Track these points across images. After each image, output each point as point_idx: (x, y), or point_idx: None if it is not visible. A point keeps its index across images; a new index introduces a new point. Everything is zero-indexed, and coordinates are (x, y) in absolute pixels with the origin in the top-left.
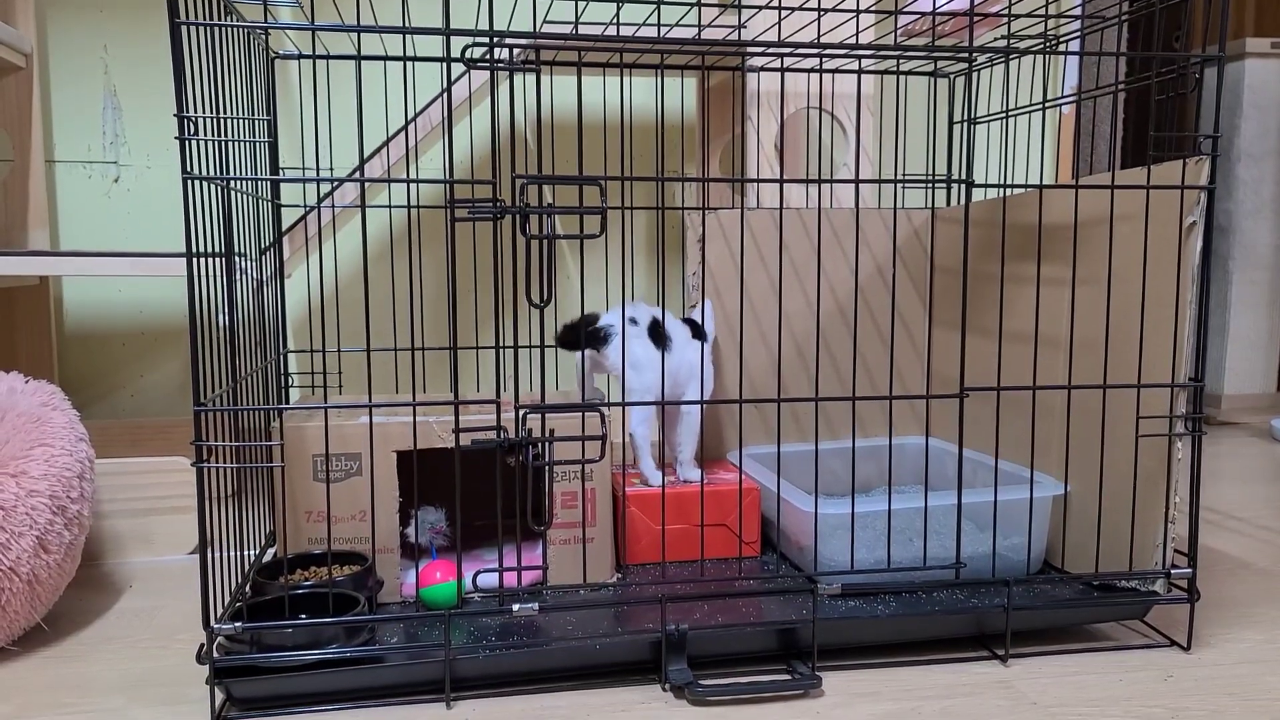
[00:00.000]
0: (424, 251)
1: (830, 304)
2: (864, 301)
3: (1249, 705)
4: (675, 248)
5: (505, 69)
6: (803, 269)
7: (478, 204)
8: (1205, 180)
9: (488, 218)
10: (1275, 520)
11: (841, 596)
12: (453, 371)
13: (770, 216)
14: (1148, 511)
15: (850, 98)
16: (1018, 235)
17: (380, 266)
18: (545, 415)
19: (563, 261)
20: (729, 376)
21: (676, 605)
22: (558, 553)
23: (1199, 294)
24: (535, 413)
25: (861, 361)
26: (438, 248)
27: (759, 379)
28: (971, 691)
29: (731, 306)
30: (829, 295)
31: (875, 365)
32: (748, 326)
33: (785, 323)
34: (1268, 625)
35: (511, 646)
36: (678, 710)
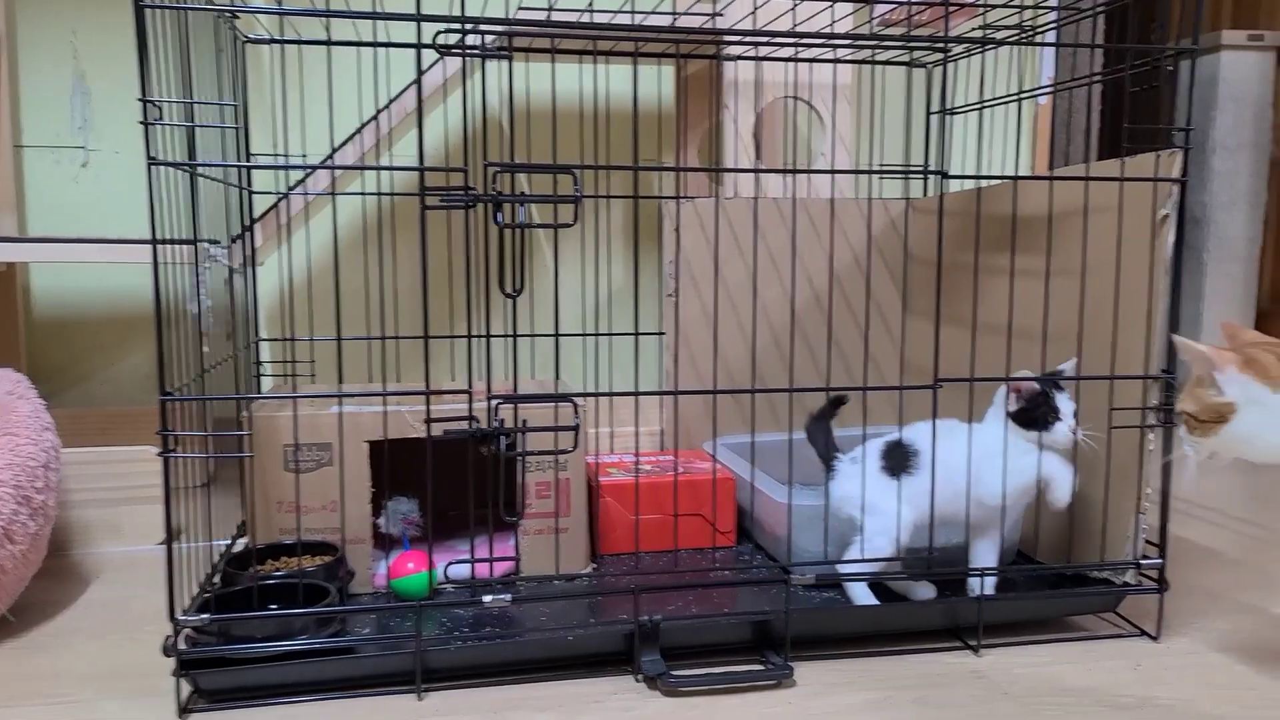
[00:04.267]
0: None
1: (807, 294)
2: (841, 291)
3: (1220, 693)
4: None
5: (478, 56)
6: (780, 259)
7: (449, 192)
8: (1178, 173)
9: (459, 206)
10: (1244, 509)
11: (815, 587)
12: (425, 361)
13: (747, 206)
14: (1120, 502)
15: (827, 87)
16: (993, 226)
17: (355, 254)
18: (518, 406)
19: (539, 250)
20: (704, 366)
21: (651, 596)
22: (532, 543)
23: (1171, 286)
24: (508, 403)
25: (838, 351)
26: (413, 236)
27: (736, 369)
28: (944, 682)
29: (709, 296)
30: (806, 285)
31: (852, 355)
32: (725, 316)
33: (762, 312)
34: (1236, 614)
35: (484, 637)
36: (651, 701)
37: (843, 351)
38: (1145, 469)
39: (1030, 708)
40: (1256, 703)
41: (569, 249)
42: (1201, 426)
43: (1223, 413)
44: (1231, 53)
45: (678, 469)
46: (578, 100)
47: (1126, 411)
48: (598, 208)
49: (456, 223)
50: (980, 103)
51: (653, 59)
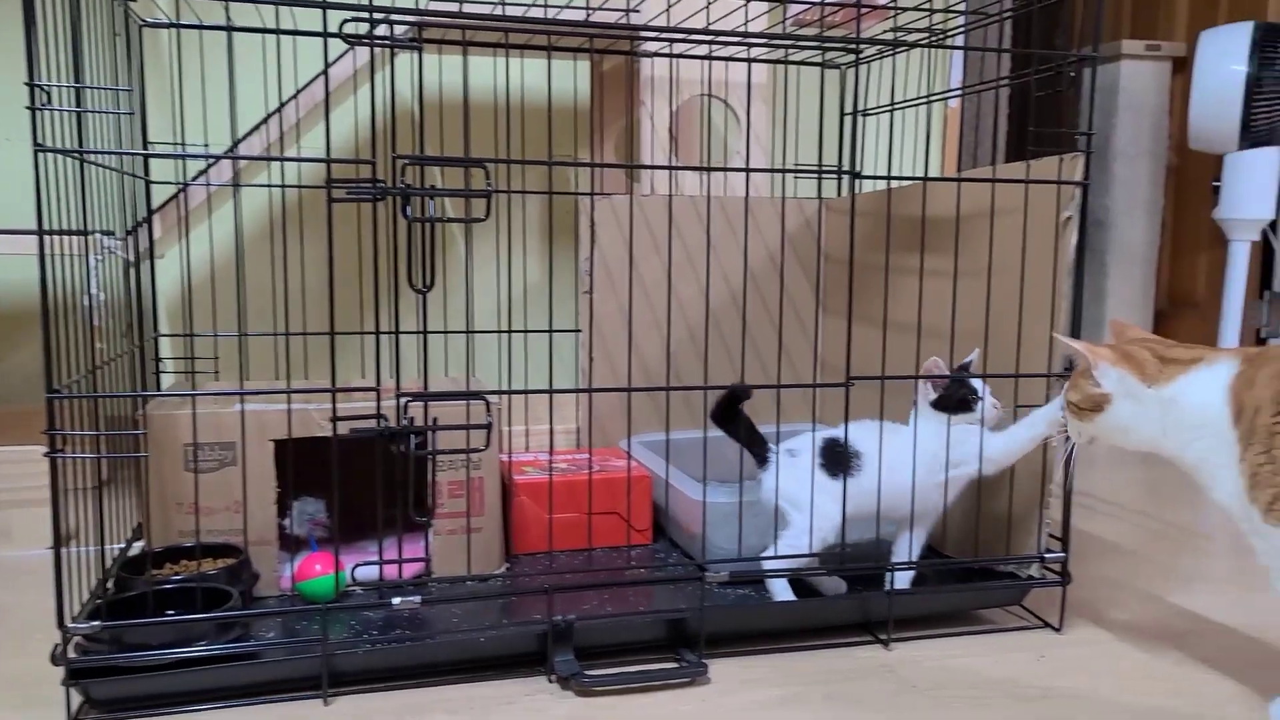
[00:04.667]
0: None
1: (723, 291)
2: (757, 289)
3: (1117, 682)
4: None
5: (386, 47)
6: (697, 256)
7: (357, 185)
8: (1080, 176)
9: (367, 199)
10: (1146, 504)
11: (730, 584)
12: (331, 358)
13: (664, 203)
14: (1025, 498)
15: (743, 86)
16: (904, 226)
17: (262, 248)
18: (428, 404)
19: (454, 245)
20: (620, 363)
21: (566, 595)
22: (444, 543)
23: (1074, 286)
24: (417, 401)
25: (754, 349)
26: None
27: (653, 366)
28: (855, 676)
29: (625, 293)
30: (722, 283)
31: (768, 352)
32: (641, 314)
33: (679, 310)
34: (1135, 604)
35: (393, 640)
36: (564, 701)
37: (759, 349)
38: (1049, 465)
39: (938, 700)
40: (1153, 690)
41: (485, 244)
42: (1082, 414)
43: (1099, 403)
44: (1131, 62)
45: (593, 467)
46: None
47: (1031, 409)
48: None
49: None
50: (891, 105)
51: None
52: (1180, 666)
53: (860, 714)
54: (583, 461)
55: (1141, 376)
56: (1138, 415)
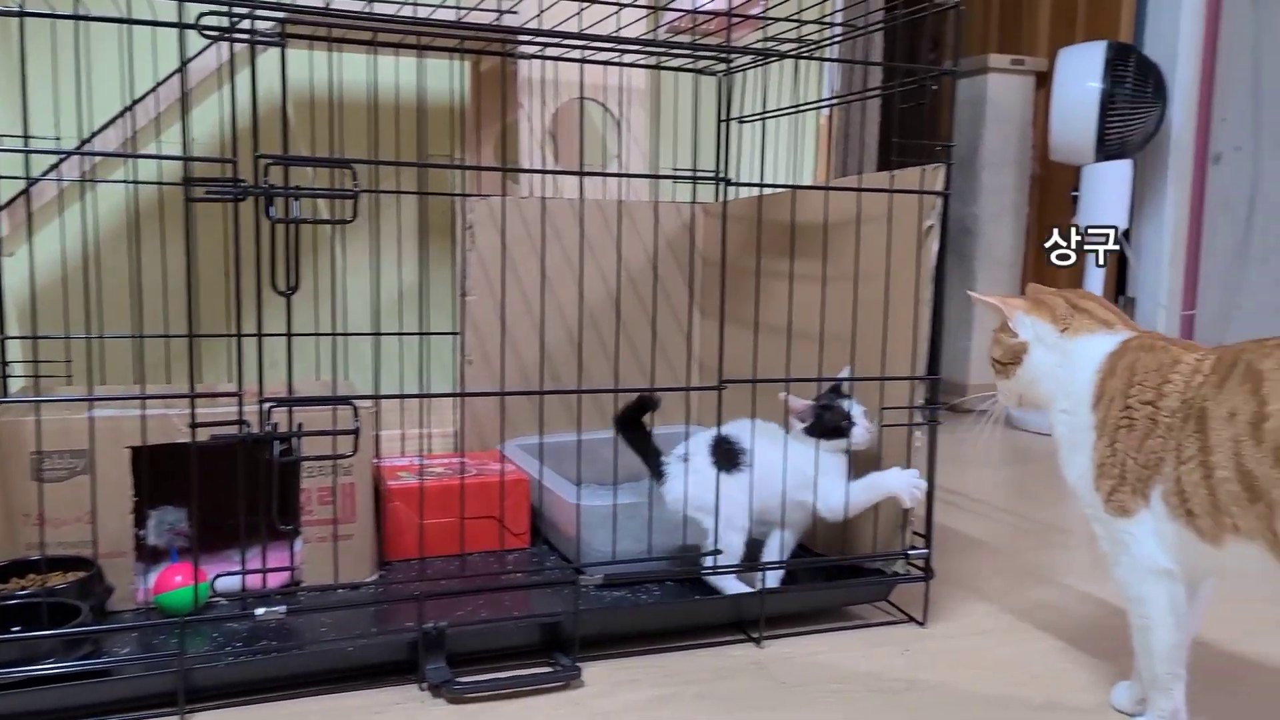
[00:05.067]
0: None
1: (602, 294)
2: (635, 292)
3: (976, 673)
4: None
5: (246, 41)
6: (576, 258)
7: (217, 183)
8: (941, 186)
9: (227, 198)
10: (1008, 501)
11: (605, 587)
12: (190, 362)
13: (542, 205)
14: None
15: (622, 90)
16: (777, 232)
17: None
18: (292, 409)
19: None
20: (499, 366)
21: (440, 602)
22: (314, 551)
23: (935, 293)
24: (281, 406)
25: (632, 351)
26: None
27: (533, 368)
28: (727, 675)
29: (504, 295)
30: (600, 285)
31: (646, 354)
32: (520, 316)
33: (558, 312)
34: (996, 598)
35: (258, 652)
36: (434, 709)
37: (637, 351)
38: (913, 465)
39: (806, 696)
40: (1010, 680)
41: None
42: (1004, 369)
43: (1018, 352)
44: (997, 75)
45: (468, 471)
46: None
47: (896, 411)
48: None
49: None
50: (764, 113)
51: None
52: (1036, 657)
53: (731, 712)
54: (458, 466)
55: (1052, 320)
56: (1047, 364)
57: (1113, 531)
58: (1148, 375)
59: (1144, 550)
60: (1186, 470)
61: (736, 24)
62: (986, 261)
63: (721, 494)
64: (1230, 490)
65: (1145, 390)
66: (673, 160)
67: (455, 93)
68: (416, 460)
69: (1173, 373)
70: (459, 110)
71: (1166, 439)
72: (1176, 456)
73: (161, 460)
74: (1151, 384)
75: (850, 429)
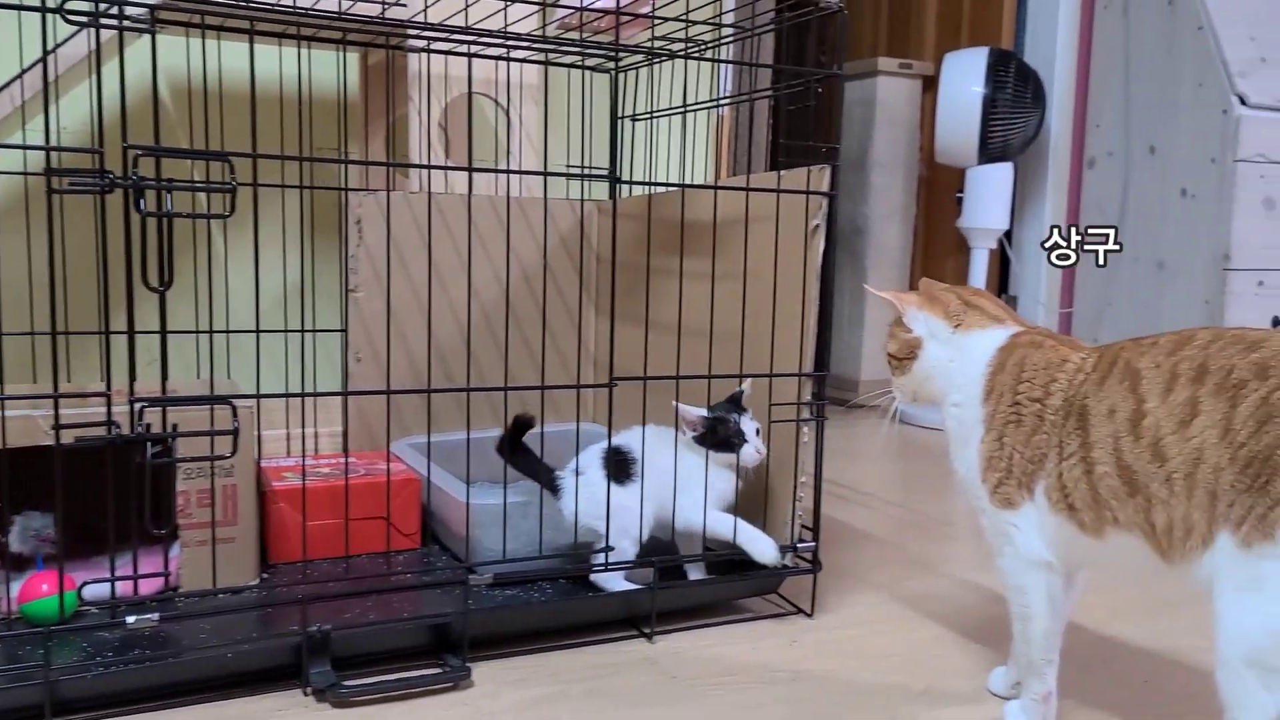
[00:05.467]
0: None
1: (496, 291)
2: (529, 289)
3: (860, 663)
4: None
5: (114, 28)
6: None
7: (83, 174)
8: (827, 186)
9: (93, 190)
10: (896, 494)
11: (496, 586)
12: (53, 361)
13: (434, 201)
14: (779, 491)
15: (514, 86)
16: (670, 230)
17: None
18: (166, 409)
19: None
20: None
21: (327, 605)
22: (193, 555)
23: (822, 291)
24: (154, 406)
25: (526, 349)
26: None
27: (424, 366)
28: (617, 671)
29: (393, 292)
30: (494, 282)
31: (539, 351)
32: (411, 313)
33: (450, 310)
34: (881, 589)
35: (131, 662)
36: (319, 714)
37: (530, 348)
38: (801, 459)
39: (695, 689)
40: (891, 667)
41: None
42: (900, 364)
43: (913, 347)
44: (886, 78)
45: (357, 471)
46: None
47: (784, 407)
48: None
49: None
50: (651, 112)
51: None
52: (919, 645)
53: (622, 707)
54: (346, 466)
55: (944, 316)
56: (940, 359)
57: (997, 523)
58: (1036, 373)
59: (1026, 542)
60: (1068, 466)
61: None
62: (878, 260)
63: (615, 504)
64: (1110, 485)
65: (1034, 388)
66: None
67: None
68: (303, 460)
69: (1059, 371)
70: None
71: (1050, 435)
72: (1059, 453)
73: (26, 464)
74: (1040, 382)
75: (740, 445)
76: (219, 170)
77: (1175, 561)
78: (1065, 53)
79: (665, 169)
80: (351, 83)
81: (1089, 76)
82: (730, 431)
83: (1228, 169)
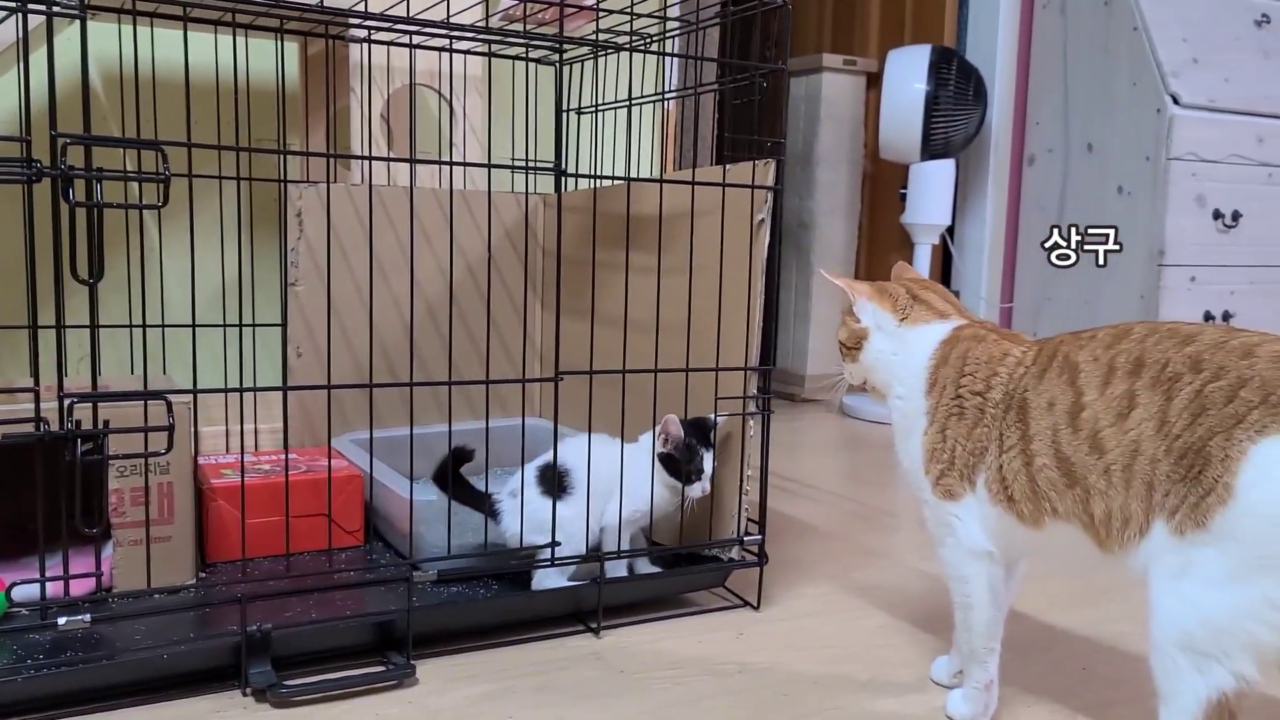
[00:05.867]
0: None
1: (440, 284)
2: (473, 283)
3: (805, 654)
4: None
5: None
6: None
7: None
8: (772, 181)
9: (19, 180)
10: (841, 487)
11: (441, 583)
12: None
13: (377, 194)
14: (725, 484)
15: (457, 78)
16: (614, 224)
17: None
18: (97, 405)
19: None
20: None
21: (268, 604)
22: (127, 555)
23: (767, 285)
24: (84, 402)
25: (471, 342)
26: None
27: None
28: (565, 666)
29: (335, 285)
30: (438, 276)
31: (484, 345)
32: (354, 307)
33: (394, 303)
34: (826, 581)
35: (64, 664)
36: (258, 715)
37: (475, 343)
38: (747, 452)
39: (642, 682)
40: (836, 658)
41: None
42: (849, 353)
43: (860, 338)
44: (831, 74)
45: (298, 467)
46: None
47: (730, 401)
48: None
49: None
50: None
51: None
52: (864, 635)
53: (569, 701)
54: (291, 461)
55: (892, 309)
56: (885, 351)
57: (939, 514)
58: (978, 367)
59: (968, 533)
60: (1008, 458)
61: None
62: (823, 255)
63: (560, 517)
64: (1049, 476)
65: (976, 381)
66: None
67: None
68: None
69: (1000, 365)
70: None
71: (991, 428)
72: (999, 445)
73: None
74: (982, 376)
75: (693, 481)
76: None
77: (1113, 551)
78: (1006, 51)
79: (611, 162)
80: (291, 73)
81: (1029, 75)
82: (692, 467)
83: (1161, 167)
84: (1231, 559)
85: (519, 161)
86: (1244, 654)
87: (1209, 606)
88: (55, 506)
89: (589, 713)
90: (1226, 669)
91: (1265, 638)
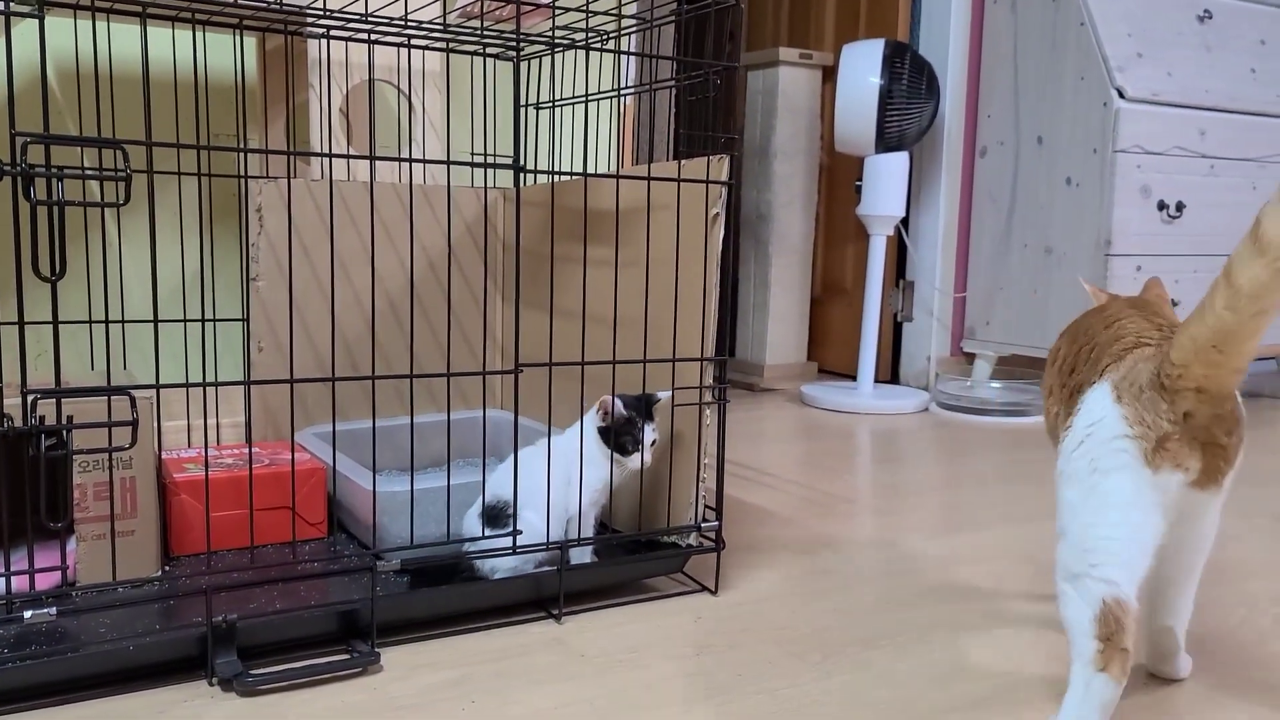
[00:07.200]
0: None
1: (401, 279)
2: (434, 277)
3: (761, 637)
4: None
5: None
6: (378, 242)
7: None
8: (726, 176)
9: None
10: (799, 474)
11: (405, 572)
12: None
13: (337, 189)
14: (683, 472)
15: (416, 73)
16: (573, 218)
17: None
18: (60, 400)
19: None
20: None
21: (231, 595)
22: (92, 549)
23: (723, 279)
24: (47, 397)
25: (432, 336)
26: None
27: (329, 355)
28: (526, 652)
29: (296, 280)
30: (399, 270)
31: (445, 339)
32: (315, 301)
33: (355, 298)
34: (783, 566)
35: (29, 657)
36: (225, 704)
37: (436, 336)
38: (704, 441)
39: (602, 667)
40: (790, 639)
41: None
42: None
43: None
44: (787, 68)
45: (261, 461)
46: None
47: (687, 391)
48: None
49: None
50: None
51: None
52: (816, 618)
53: (529, 685)
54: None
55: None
56: None
57: None
58: None
59: None
60: None
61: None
62: (781, 247)
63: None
64: None
65: None
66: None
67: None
68: (205, 451)
69: None
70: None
71: None
72: None
73: None
74: None
75: (630, 453)
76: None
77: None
78: (957, 45)
79: (570, 157)
80: (250, 68)
81: (980, 69)
82: (629, 439)
83: (1108, 159)
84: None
85: (478, 157)
86: (1108, 563)
87: (1071, 533)
88: (19, 502)
89: (549, 696)
90: (1098, 579)
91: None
